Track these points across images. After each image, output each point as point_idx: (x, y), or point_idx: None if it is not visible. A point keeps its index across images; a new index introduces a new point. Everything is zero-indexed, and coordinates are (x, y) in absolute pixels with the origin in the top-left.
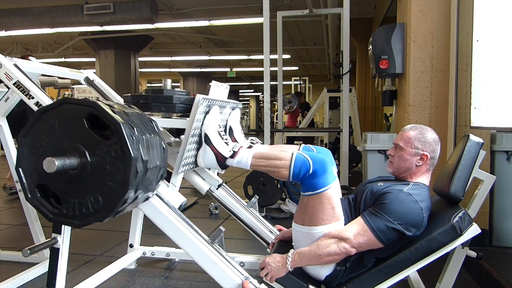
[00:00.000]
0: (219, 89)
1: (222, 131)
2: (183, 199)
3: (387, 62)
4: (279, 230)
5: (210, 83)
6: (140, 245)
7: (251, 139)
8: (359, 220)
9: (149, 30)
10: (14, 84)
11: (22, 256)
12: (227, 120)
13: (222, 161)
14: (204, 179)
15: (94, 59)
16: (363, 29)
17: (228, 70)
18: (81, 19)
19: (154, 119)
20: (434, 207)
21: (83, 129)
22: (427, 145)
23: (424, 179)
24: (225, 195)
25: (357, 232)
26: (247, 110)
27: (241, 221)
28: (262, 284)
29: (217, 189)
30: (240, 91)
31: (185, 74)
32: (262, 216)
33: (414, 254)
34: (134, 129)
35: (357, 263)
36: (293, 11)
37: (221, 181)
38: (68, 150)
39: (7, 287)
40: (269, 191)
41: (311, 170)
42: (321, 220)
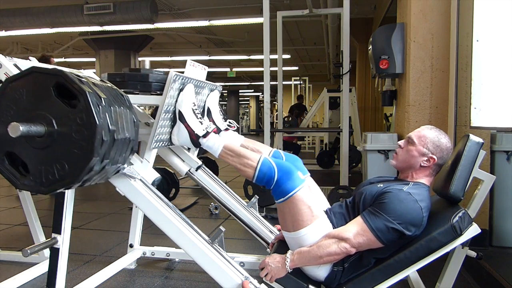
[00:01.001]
0: (196, 68)
1: (196, 110)
2: (157, 175)
3: (387, 62)
4: (279, 230)
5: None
6: (140, 245)
7: (229, 121)
8: (359, 220)
9: (149, 30)
10: None
11: (22, 256)
12: (205, 101)
13: (195, 139)
14: (183, 161)
15: (94, 59)
16: (363, 29)
17: (228, 70)
18: (81, 19)
19: (127, 95)
20: (434, 207)
21: (51, 97)
22: (439, 150)
23: (424, 181)
24: (204, 177)
25: (356, 232)
26: (247, 110)
27: (241, 221)
28: (262, 284)
29: (196, 170)
30: (240, 91)
31: None
32: (262, 216)
33: (414, 254)
34: (102, 99)
35: (356, 264)
36: (293, 11)
37: (200, 162)
38: (35, 118)
39: (7, 287)
40: (269, 191)
41: (276, 177)
42: (301, 222)
